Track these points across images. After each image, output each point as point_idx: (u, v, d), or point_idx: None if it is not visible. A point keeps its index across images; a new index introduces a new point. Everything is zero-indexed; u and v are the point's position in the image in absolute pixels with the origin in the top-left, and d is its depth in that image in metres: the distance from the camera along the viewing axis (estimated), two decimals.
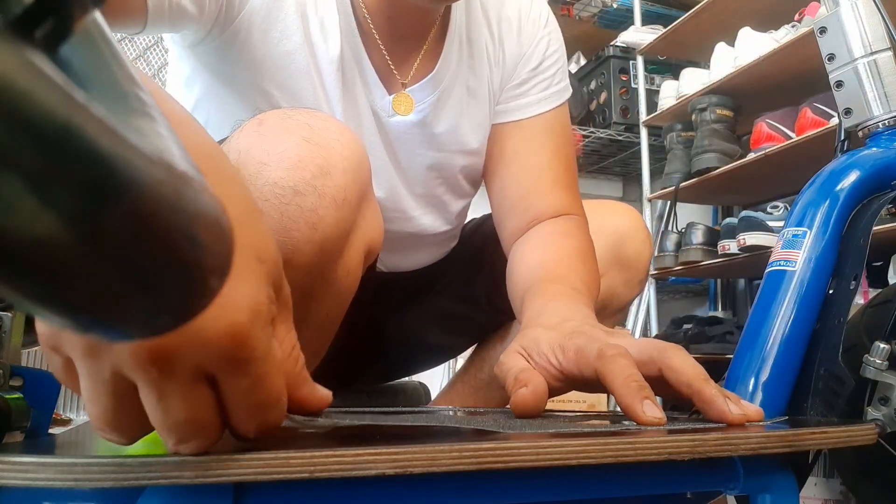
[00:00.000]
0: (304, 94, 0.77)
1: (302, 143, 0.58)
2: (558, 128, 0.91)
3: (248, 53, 0.75)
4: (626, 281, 0.94)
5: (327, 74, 0.78)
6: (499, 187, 0.90)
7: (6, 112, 0.13)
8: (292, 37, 0.76)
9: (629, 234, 0.94)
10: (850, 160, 0.75)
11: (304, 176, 0.57)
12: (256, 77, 0.76)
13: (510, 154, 0.90)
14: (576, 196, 0.88)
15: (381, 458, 0.31)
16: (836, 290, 0.69)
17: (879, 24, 0.79)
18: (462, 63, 0.87)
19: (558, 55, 0.93)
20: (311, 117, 0.61)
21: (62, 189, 0.14)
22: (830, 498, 1.32)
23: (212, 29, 0.73)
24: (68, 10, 0.17)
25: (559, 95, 0.92)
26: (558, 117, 0.92)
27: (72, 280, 0.15)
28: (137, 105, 0.21)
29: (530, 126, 0.90)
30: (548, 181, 0.87)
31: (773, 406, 0.65)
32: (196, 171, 0.20)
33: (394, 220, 0.87)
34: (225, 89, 0.79)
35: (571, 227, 0.82)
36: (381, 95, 0.82)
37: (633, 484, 0.40)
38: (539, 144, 0.89)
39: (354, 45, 0.79)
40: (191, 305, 0.19)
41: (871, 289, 1.81)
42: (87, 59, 0.20)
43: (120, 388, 0.29)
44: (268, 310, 0.31)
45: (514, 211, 0.87)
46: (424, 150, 0.87)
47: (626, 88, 2.74)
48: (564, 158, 0.89)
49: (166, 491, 0.30)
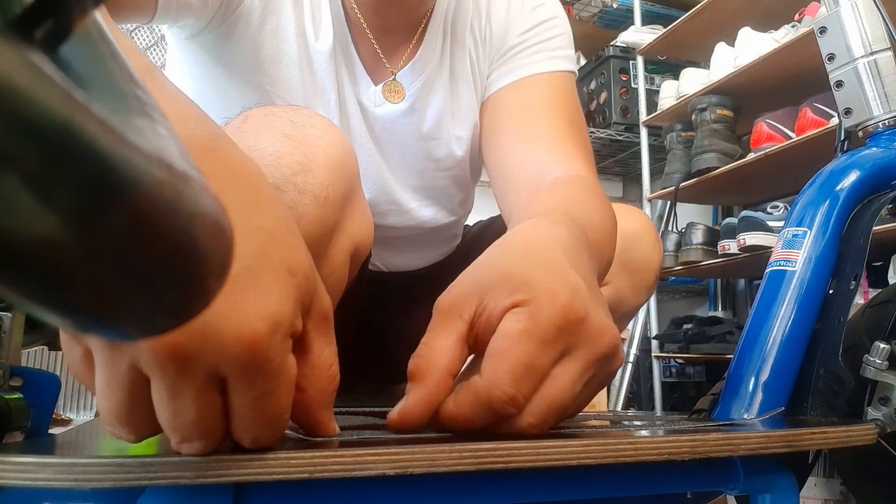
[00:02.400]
0: (296, 86, 0.78)
1: (283, 140, 0.58)
2: (558, 88, 0.83)
3: (244, 44, 0.76)
4: (634, 286, 0.90)
5: (318, 66, 0.79)
6: (495, 159, 0.83)
7: (6, 112, 0.13)
8: (287, 28, 0.77)
9: (638, 237, 0.89)
10: (850, 160, 0.75)
11: (283, 173, 0.57)
12: (251, 67, 0.77)
13: (504, 120, 0.83)
14: (586, 158, 0.77)
15: (382, 459, 0.31)
16: (836, 290, 0.69)
17: (879, 24, 0.79)
18: (446, 47, 0.85)
19: (554, 24, 0.87)
20: (295, 114, 0.61)
21: (62, 189, 0.14)
22: (830, 498, 1.32)
23: (212, 19, 0.74)
24: (68, 10, 0.17)
25: (557, 62, 0.84)
26: (558, 80, 0.84)
27: (71, 280, 0.15)
28: (137, 105, 0.21)
29: (522, 86, 0.83)
30: (549, 141, 0.77)
31: (773, 406, 0.64)
32: (196, 171, 0.20)
33: (390, 213, 0.86)
34: (222, 80, 0.80)
35: (584, 183, 0.70)
36: (366, 86, 0.82)
37: (633, 484, 0.40)
38: (534, 102, 0.82)
39: (343, 37, 0.80)
40: (190, 305, 0.19)
41: (871, 289, 1.80)
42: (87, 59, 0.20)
43: (135, 384, 0.29)
44: (290, 323, 0.31)
45: (512, 181, 0.78)
46: (415, 139, 0.85)
47: (626, 88, 2.74)
48: (567, 117, 0.80)
49: (166, 491, 0.30)
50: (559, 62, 0.85)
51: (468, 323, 0.38)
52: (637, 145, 2.68)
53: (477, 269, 0.41)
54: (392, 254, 0.91)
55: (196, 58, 0.81)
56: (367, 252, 0.73)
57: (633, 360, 2.43)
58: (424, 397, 0.37)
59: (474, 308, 0.38)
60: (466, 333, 0.38)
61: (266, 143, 0.57)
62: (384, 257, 0.92)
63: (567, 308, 0.36)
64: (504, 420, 0.36)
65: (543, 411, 0.36)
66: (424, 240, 0.93)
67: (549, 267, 0.39)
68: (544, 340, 0.36)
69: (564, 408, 0.37)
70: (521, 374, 0.35)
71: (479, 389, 0.36)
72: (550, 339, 0.36)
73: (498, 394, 0.35)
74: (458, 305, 0.39)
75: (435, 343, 0.38)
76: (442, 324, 0.39)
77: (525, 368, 0.35)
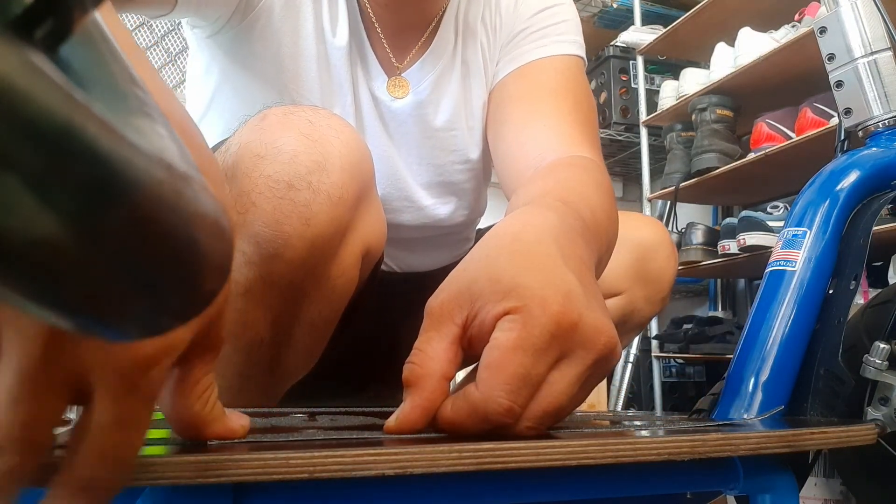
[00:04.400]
0: (313, 83, 0.78)
1: (300, 139, 0.58)
2: (564, 70, 0.81)
3: (264, 41, 0.77)
4: (647, 297, 0.89)
5: (335, 62, 0.79)
6: (497, 143, 0.81)
7: (6, 112, 0.13)
8: (306, 24, 0.77)
9: (654, 247, 0.89)
10: (850, 160, 0.75)
11: (299, 171, 0.57)
12: (271, 65, 0.77)
13: (508, 104, 0.81)
14: (590, 139, 0.75)
15: (382, 459, 0.31)
16: (836, 290, 0.69)
17: (879, 24, 0.79)
18: (459, 41, 0.86)
19: (560, 10, 0.85)
20: (313, 114, 0.61)
21: (62, 189, 0.14)
22: (830, 498, 1.32)
23: (232, 16, 0.75)
24: (68, 10, 0.17)
25: (563, 46, 0.83)
26: (564, 63, 0.82)
27: (71, 280, 0.15)
28: (137, 105, 0.21)
29: (527, 71, 0.82)
30: (551, 123, 0.75)
31: (772, 406, 0.64)
32: (196, 171, 0.20)
33: (404, 209, 0.86)
34: (243, 77, 0.80)
35: (583, 163, 0.68)
36: (381, 82, 0.83)
37: (633, 484, 0.39)
38: (538, 85, 0.80)
39: (358, 34, 0.81)
40: (191, 305, 0.19)
41: (871, 289, 1.80)
42: (87, 59, 0.20)
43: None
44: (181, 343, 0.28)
45: (513, 163, 0.76)
46: (429, 133, 0.85)
47: (626, 88, 2.74)
48: (572, 99, 0.78)
49: (166, 491, 0.30)
50: (565, 46, 0.83)
51: (461, 326, 0.38)
52: (637, 145, 2.68)
53: (466, 271, 0.40)
54: (406, 253, 0.91)
55: (215, 58, 0.81)
56: (379, 254, 0.73)
57: (633, 360, 2.43)
58: (421, 404, 0.37)
59: (466, 312, 0.38)
60: (460, 336, 0.38)
61: (283, 142, 0.58)
62: (398, 257, 0.92)
63: (560, 314, 0.36)
64: (502, 427, 0.36)
65: (540, 416, 0.36)
66: (438, 240, 0.93)
67: (540, 268, 0.39)
68: (538, 349, 0.35)
69: (562, 409, 0.37)
70: (517, 386, 0.35)
71: (476, 401, 0.36)
72: (544, 347, 0.35)
73: (494, 406, 0.35)
74: (449, 309, 0.38)
75: (428, 348, 0.38)
76: (434, 327, 0.38)
77: (520, 380, 0.35)
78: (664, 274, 0.90)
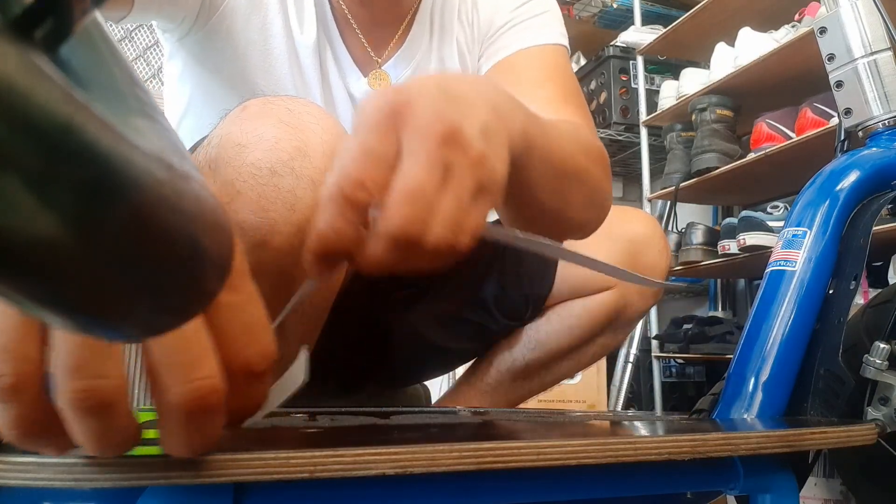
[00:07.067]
0: (285, 80, 0.79)
1: (280, 126, 0.59)
2: (549, 58, 0.82)
3: (232, 41, 0.78)
4: (640, 290, 0.90)
5: (304, 59, 0.80)
6: None
7: (6, 112, 0.13)
8: (274, 23, 0.79)
9: (646, 241, 0.90)
10: (850, 160, 0.75)
11: (281, 157, 0.58)
12: (241, 65, 0.79)
13: None
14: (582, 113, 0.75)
15: (382, 459, 0.31)
16: (836, 290, 0.69)
17: (879, 24, 0.79)
18: (434, 36, 0.87)
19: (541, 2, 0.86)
20: (291, 102, 0.62)
21: (62, 189, 0.14)
22: (830, 498, 1.32)
23: (198, 17, 0.76)
24: (68, 10, 0.17)
25: (545, 36, 0.83)
26: (549, 52, 0.83)
27: (72, 280, 0.15)
28: (137, 105, 0.21)
29: (511, 62, 0.83)
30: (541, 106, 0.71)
31: (773, 406, 0.64)
32: (196, 171, 0.20)
33: None
34: (214, 81, 0.81)
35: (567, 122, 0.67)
36: (356, 79, 0.84)
37: (633, 484, 0.40)
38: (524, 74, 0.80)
39: (329, 30, 0.82)
40: (191, 305, 0.19)
41: (871, 289, 1.80)
42: (87, 59, 0.20)
43: None
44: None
45: None
46: None
47: (626, 88, 2.73)
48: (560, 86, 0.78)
49: (166, 491, 0.30)
50: (547, 35, 0.84)
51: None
52: (637, 145, 2.68)
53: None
54: None
55: (187, 65, 0.83)
56: None
57: (633, 360, 2.43)
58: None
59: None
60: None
61: (264, 129, 0.58)
62: None
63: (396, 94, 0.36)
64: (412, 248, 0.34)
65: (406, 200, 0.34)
66: None
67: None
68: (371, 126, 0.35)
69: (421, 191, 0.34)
70: (359, 157, 0.34)
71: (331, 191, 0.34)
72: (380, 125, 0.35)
73: (343, 182, 0.34)
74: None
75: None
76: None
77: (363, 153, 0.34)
78: (657, 267, 0.90)
